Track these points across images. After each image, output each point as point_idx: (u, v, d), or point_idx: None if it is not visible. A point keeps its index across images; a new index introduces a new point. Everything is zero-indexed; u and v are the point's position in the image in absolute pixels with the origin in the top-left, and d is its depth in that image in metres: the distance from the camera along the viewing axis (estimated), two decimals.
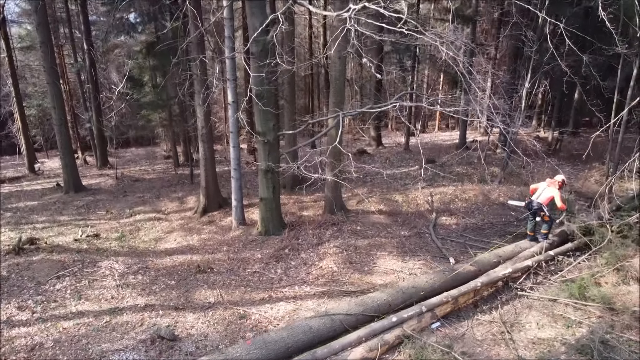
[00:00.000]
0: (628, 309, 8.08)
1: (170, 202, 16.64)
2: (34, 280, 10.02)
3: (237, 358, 6.69)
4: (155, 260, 11.19)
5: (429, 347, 7.27)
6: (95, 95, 23.51)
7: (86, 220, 15.18)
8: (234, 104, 12.27)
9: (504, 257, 10.10)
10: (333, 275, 10.11)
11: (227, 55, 11.94)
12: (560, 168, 19.46)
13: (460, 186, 16.01)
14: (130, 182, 21.15)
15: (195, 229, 14.13)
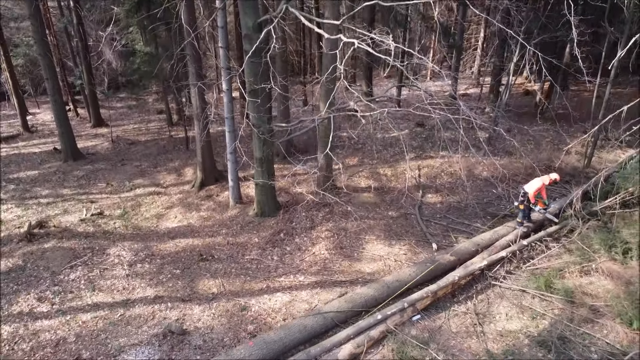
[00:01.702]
0: (586, 304, 9.09)
1: (168, 175, 17.24)
2: (49, 270, 10.84)
3: (241, 358, 7.67)
4: (160, 246, 12.00)
5: (408, 343, 8.29)
6: (85, 54, 23.28)
7: (88, 194, 15.82)
8: (228, 91, 12.59)
9: (482, 245, 10.99)
10: (325, 263, 11.02)
11: (221, 44, 12.12)
12: (546, 132, 20.14)
13: (447, 158, 16.66)
14: (126, 145, 21.56)
15: (194, 204, 14.86)
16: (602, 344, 8.28)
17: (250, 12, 10.42)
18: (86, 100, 25.97)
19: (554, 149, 17.88)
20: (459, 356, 8.21)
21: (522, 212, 11.41)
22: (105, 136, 23.26)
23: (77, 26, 22.63)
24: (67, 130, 18.50)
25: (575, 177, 15.06)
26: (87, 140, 22.73)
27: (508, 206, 13.26)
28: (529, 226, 11.54)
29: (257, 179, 12.62)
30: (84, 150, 20.57)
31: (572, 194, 12.60)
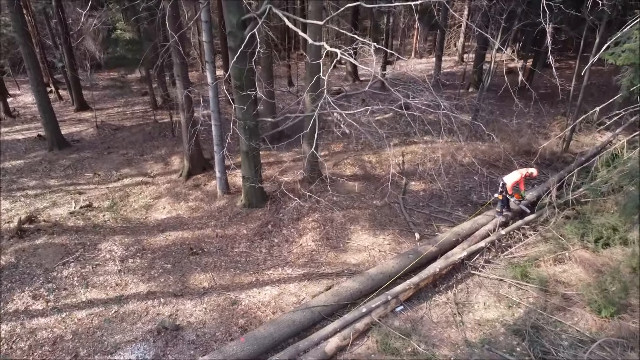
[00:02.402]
0: (559, 293, 9.62)
1: (155, 164, 17.33)
2: (41, 267, 11.07)
3: (234, 355, 8.08)
4: (150, 239, 12.26)
5: (392, 334, 8.77)
6: (66, 37, 22.90)
7: (75, 185, 15.91)
8: (214, 85, 12.68)
9: (462, 235, 11.45)
10: (312, 255, 11.40)
11: (205, 39, 12.15)
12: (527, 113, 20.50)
13: (430, 144, 17.00)
14: (111, 131, 21.49)
15: (182, 194, 15.06)
16: (573, 332, 8.83)
17: (234, 9, 10.45)
18: (68, 85, 25.66)
19: (534, 131, 18.30)
20: (440, 346, 8.71)
21: (500, 202, 11.85)
22: (90, 121, 23.10)
23: (56, 8, 22.18)
24: (51, 120, 18.40)
25: (554, 163, 15.51)
26: (71, 126, 22.58)
27: (488, 194, 13.69)
28: (508, 215, 12.01)
29: (243, 172, 12.86)
30: (69, 137, 20.48)
31: (549, 181, 13.08)
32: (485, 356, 8.45)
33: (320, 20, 10.20)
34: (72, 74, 23.47)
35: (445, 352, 8.59)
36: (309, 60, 11.83)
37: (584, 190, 11.27)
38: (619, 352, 8.29)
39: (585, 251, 10.55)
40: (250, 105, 11.46)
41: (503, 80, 17.01)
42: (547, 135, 17.87)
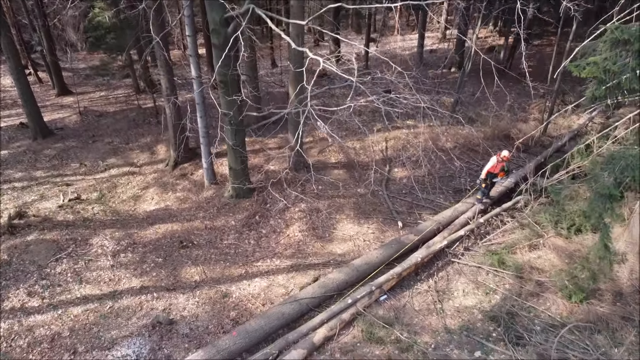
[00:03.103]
0: (533, 279, 10.19)
1: (141, 153, 17.42)
2: (35, 263, 11.31)
3: (227, 348, 8.52)
4: (140, 233, 12.53)
5: (376, 324, 9.28)
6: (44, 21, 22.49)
7: (62, 176, 16.00)
8: (198, 79, 12.78)
9: (443, 224, 11.93)
10: (299, 245, 11.81)
11: (188, 33, 12.19)
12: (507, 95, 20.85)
13: (413, 129, 17.33)
14: (95, 118, 21.40)
15: (169, 184, 15.28)
16: (545, 317, 9.43)
17: (216, 7, 10.51)
18: (48, 67, 25.29)
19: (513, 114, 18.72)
20: (421, 333, 9.26)
21: (481, 191, 12.31)
22: (72, 107, 22.91)
23: None
24: (34, 109, 18.29)
25: (532, 147, 15.99)
26: (53, 112, 22.40)
27: (468, 180, 14.15)
28: (487, 203, 12.49)
29: (230, 164, 13.09)
30: (52, 124, 20.38)
31: (526, 167, 13.56)
32: (464, 342, 9.01)
33: (303, 20, 10.33)
34: (52, 59, 23.12)
35: (426, 339, 9.13)
36: (293, 67, 11.98)
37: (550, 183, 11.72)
38: (586, 336, 8.92)
39: (559, 238, 11.10)
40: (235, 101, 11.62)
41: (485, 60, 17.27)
42: (526, 118, 18.30)
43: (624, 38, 5.83)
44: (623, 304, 9.52)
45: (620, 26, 5.95)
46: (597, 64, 6.06)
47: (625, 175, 6.33)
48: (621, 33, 5.85)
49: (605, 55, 6.08)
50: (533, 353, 8.64)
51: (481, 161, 15.03)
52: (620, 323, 9.06)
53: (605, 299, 9.63)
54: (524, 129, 16.93)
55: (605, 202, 6.62)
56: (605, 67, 5.98)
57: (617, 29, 5.92)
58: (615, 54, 5.99)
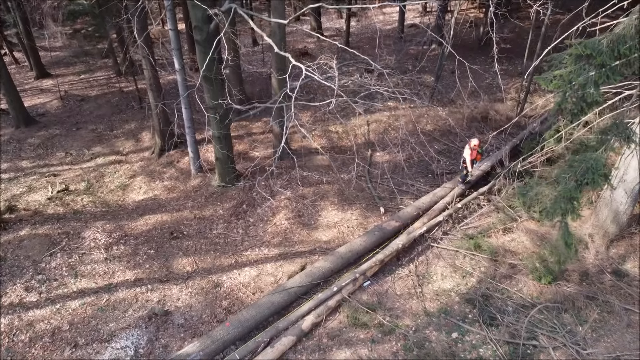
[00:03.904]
0: (506, 262, 10.87)
1: (126, 141, 17.56)
2: (29, 259, 11.65)
3: (221, 338, 9.08)
4: (131, 224, 12.89)
5: (360, 309, 9.90)
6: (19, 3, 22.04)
7: (49, 166, 16.16)
8: (181, 70, 12.93)
9: (422, 209, 12.49)
10: (286, 233, 12.31)
11: (170, 27, 12.27)
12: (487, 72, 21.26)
13: (394, 111, 17.71)
14: (76, 102, 21.33)
15: (156, 172, 15.56)
16: (517, 298, 10.14)
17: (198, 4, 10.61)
18: (25, 50, 24.93)
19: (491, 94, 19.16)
20: (402, 317, 9.92)
21: (462, 175, 12.86)
22: (52, 91, 22.78)
23: None
24: (15, 97, 18.24)
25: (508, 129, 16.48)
26: (33, 97, 22.27)
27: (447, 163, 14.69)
28: (468, 184, 13.06)
29: (216, 153, 13.40)
30: (33, 110, 20.34)
31: (501, 150, 14.11)
32: (442, 324, 9.70)
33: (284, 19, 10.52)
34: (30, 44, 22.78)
35: (407, 322, 9.80)
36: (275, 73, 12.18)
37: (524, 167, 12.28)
38: (554, 315, 9.66)
39: (531, 222, 11.75)
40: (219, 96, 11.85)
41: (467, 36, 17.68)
42: (503, 98, 18.76)
43: (587, 53, 6.25)
44: (588, 283, 10.27)
45: (584, 41, 6.37)
46: (563, 77, 6.50)
47: (585, 177, 6.88)
48: (584, 48, 6.26)
49: (570, 68, 6.51)
50: (505, 333, 9.38)
51: (460, 143, 15.53)
52: (585, 302, 9.81)
53: (572, 279, 10.36)
54: (501, 109, 17.41)
55: (566, 204, 7.18)
56: (570, 79, 6.42)
57: (580, 44, 6.34)
58: (579, 67, 6.42)
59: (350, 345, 9.30)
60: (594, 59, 6.28)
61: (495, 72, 20.72)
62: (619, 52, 6.36)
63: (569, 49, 6.50)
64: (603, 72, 6.28)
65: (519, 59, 21.22)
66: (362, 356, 9.09)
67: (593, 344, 9.11)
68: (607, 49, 6.30)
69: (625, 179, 10.12)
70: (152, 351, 9.44)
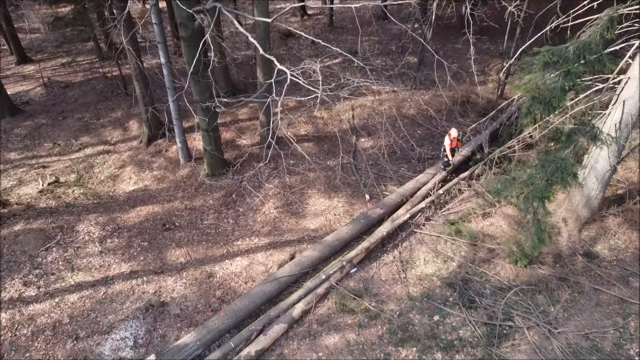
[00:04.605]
0: (485, 246, 11.46)
1: (113, 130, 17.65)
2: (25, 254, 11.97)
3: (217, 328, 9.60)
4: (123, 216, 13.21)
5: (347, 296, 10.47)
6: None
7: (37, 157, 16.27)
8: (167, 64, 13.08)
9: (406, 195, 12.98)
10: (275, 222, 12.75)
11: (155, 21, 12.35)
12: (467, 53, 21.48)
13: (378, 95, 18.01)
14: (60, 89, 21.22)
15: (145, 162, 15.79)
16: (495, 281, 10.77)
17: (183, 1, 10.75)
18: (5, 36, 24.53)
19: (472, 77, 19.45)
20: (387, 302, 10.51)
21: (444, 161, 13.33)
22: (35, 77, 22.56)
23: None
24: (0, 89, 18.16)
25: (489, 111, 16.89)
26: (16, 84, 22.08)
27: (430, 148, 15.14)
28: (449, 169, 13.55)
29: (205, 146, 13.69)
30: (17, 98, 20.24)
31: (482, 135, 14.58)
32: (425, 308, 10.32)
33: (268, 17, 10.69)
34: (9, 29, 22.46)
35: (392, 306, 10.40)
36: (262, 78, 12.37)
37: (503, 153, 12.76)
38: (529, 297, 10.33)
39: (509, 206, 12.31)
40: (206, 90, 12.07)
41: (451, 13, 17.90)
42: (485, 80, 19.14)
43: (554, 60, 6.64)
44: (561, 265, 10.93)
45: (551, 49, 6.74)
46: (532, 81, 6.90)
47: (555, 176, 7.37)
48: (551, 56, 6.65)
49: (538, 74, 6.91)
50: (483, 315, 10.03)
51: (442, 128, 15.93)
52: (558, 283, 10.48)
53: (547, 261, 11.01)
54: (482, 92, 17.79)
55: (537, 202, 7.69)
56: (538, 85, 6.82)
57: (547, 52, 6.71)
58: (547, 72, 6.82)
59: (338, 330, 9.88)
60: (560, 65, 6.67)
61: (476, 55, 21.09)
62: (584, 58, 6.75)
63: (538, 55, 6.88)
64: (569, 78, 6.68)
65: (500, 37, 21.41)
66: (350, 340, 9.68)
67: (564, 323, 9.80)
68: (573, 55, 6.69)
69: (596, 167, 10.67)
70: (150, 341, 9.94)
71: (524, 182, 7.97)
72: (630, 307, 10.01)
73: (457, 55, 21.59)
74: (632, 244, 11.21)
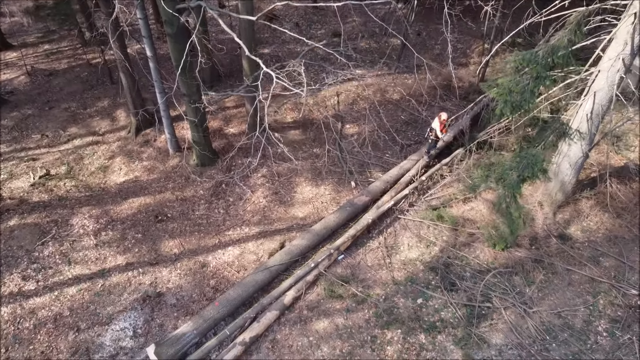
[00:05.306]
0: (465, 231, 12.05)
1: (101, 120, 17.75)
2: (22, 248, 12.30)
3: (212, 317, 10.13)
4: (116, 209, 13.53)
5: (335, 282, 11.03)
6: None
7: (26, 150, 16.40)
8: (153, 57, 13.24)
9: (390, 182, 13.47)
10: (264, 211, 13.20)
11: (139, 16, 12.46)
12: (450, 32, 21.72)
13: (362, 80, 18.29)
14: (45, 78, 21.11)
15: (134, 152, 16.02)
16: (474, 264, 11.40)
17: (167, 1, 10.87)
18: None
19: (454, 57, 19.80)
20: (373, 287, 11.10)
21: (429, 144, 13.78)
22: (17, 65, 22.35)
23: None
24: None
25: (470, 95, 17.34)
26: None
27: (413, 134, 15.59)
28: (432, 155, 14.02)
29: (193, 138, 13.97)
30: (1, 88, 20.15)
31: (463, 120, 15.03)
32: (409, 291, 10.93)
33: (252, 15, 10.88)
34: None
35: (378, 291, 11.00)
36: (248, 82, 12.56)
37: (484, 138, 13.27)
38: (506, 278, 10.98)
39: (489, 191, 12.86)
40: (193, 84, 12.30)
41: None
42: (467, 63, 19.47)
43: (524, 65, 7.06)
44: (537, 247, 11.58)
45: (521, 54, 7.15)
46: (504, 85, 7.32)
47: (526, 172, 7.88)
48: (522, 61, 7.06)
49: (510, 77, 7.32)
50: (463, 297, 10.68)
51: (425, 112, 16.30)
52: (533, 265, 11.15)
53: (523, 244, 11.65)
54: (464, 76, 18.17)
55: (510, 198, 8.22)
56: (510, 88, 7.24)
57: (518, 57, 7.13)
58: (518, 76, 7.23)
59: (327, 315, 10.48)
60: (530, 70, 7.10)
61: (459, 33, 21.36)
62: (553, 61, 7.18)
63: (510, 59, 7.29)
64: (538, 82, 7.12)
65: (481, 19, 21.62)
66: (339, 324, 10.29)
67: (538, 303, 10.50)
68: (542, 60, 7.11)
69: (569, 154, 11.21)
70: (149, 331, 10.45)
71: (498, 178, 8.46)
72: (599, 286, 10.72)
73: (441, 36, 21.78)
74: (602, 225, 11.88)
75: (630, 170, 12.30)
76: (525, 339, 9.76)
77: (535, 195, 12.47)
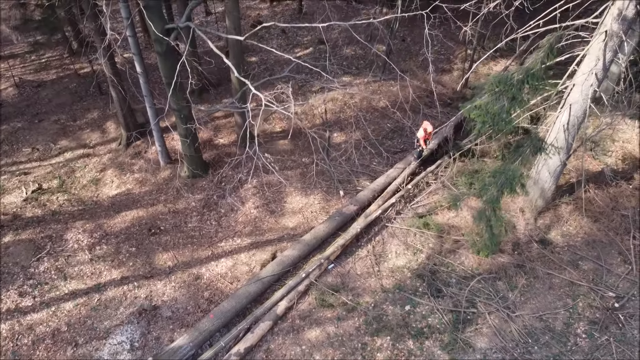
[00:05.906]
0: (450, 238, 12.48)
1: (91, 132, 17.93)
2: (18, 265, 12.50)
3: (207, 329, 10.45)
4: (109, 222, 13.78)
5: (326, 292, 11.40)
6: None
7: (17, 164, 16.54)
8: (143, 73, 13.48)
9: (377, 190, 13.86)
10: (256, 222, 13.52)
11: (129, 34, 12.69)
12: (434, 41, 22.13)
13: (349, 87, 18.63)
14: (33, 89, 21.16)
15: (126, 164, 16.24)
16: (460, 270, 11.83)
17: (156, 19, 11.09)
18: None
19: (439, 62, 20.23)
20: (363, 295, 11.48)
21: (416, 152, 14.20)
22: (4, 76, 22.40)
23: None
24: None
25: (454, 102, 17.79)
26: None
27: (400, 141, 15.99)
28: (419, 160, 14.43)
29: (183, 150, 14.24)
30: None
31: (446, 128, 15.46)
32: (397, 299, 11.34)
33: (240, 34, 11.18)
34: None
35: (367, 299, 11.39)
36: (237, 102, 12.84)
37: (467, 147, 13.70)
38: (490, 284, 11.42)
39: (473, 198, 13.28)
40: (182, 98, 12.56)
41: None
42: (450, 69, 19.91)
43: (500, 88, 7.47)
44: (519, 253, 12.04)
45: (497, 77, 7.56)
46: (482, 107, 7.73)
47: (504, 187, 8.30)
48: (498, 84, 7.47)
49: (488, 99, 7.73)
50: (449, 303, 11.11)
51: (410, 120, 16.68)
52: (515, 270, 11.61)
53: (506, 249, 12.10)
54: (447, 82, 18.61)
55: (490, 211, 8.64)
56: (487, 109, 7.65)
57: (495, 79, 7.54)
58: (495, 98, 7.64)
59: (319, 324, 10.85)
60: (506, 92, 7.51)
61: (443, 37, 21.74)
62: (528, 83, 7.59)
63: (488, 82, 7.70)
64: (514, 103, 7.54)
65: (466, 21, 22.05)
66: (330, 333, 10.67)
67: (521, 307, 10.96)
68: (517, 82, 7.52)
69: (548, 162, 11.67)
70: (146, 344, 10.75)
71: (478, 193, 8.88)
72: (579, 289, 11.21)
73: (426, 41, 22.15)
74: (581, 230, 12.37)
75: (607, 176, 12.78)
76: (508, 343, 10.21)
77: (516, 202, 12.92)
